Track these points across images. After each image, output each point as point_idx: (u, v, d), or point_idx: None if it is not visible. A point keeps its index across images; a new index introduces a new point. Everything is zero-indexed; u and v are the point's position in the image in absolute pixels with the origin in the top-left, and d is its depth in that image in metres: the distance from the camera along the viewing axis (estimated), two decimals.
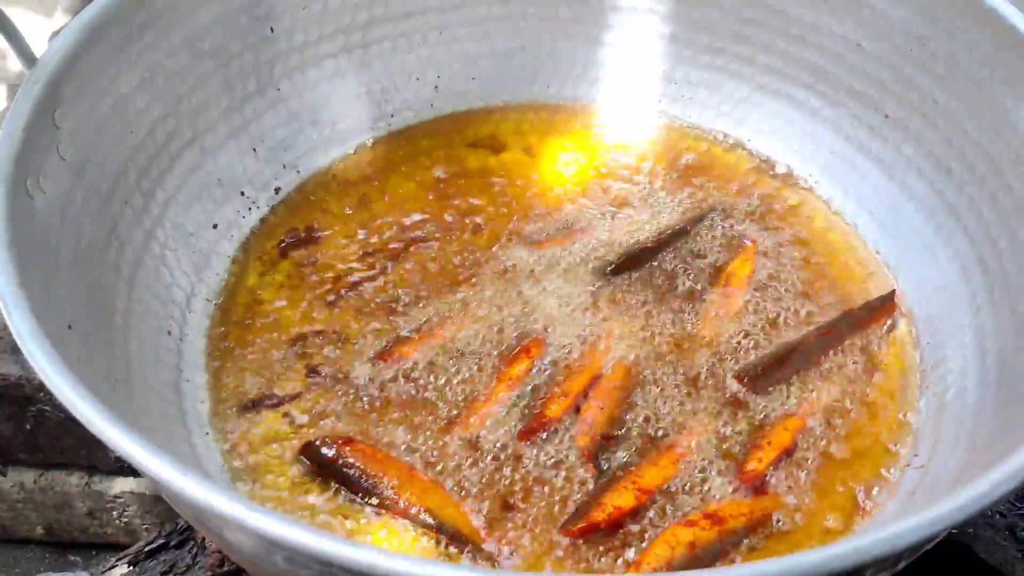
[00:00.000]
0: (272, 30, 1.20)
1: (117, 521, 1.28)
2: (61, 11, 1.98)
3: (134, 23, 1.03)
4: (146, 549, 1.10)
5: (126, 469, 1.26)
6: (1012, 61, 1.02)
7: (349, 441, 0.95)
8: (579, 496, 0.93)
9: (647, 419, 0.99)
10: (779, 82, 1.27)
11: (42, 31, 1.94)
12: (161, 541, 1.11)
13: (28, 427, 1.21)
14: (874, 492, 0.96)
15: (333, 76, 1.27)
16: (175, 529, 1.11)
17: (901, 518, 0.62)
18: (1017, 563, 1.14)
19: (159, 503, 1.27)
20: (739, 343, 1.06)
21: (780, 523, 0.93)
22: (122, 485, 1.27)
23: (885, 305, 1.10)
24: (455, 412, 1.00)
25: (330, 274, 1.14)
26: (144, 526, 1.29)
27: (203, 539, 1.10)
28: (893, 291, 1.12)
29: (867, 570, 0.64)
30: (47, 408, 1.19)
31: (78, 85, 0.96)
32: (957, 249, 1.08)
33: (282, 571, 0.68)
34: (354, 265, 1.15)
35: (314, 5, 1.22)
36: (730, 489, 0.94)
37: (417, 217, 1.21)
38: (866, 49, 1.18)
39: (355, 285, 1.12)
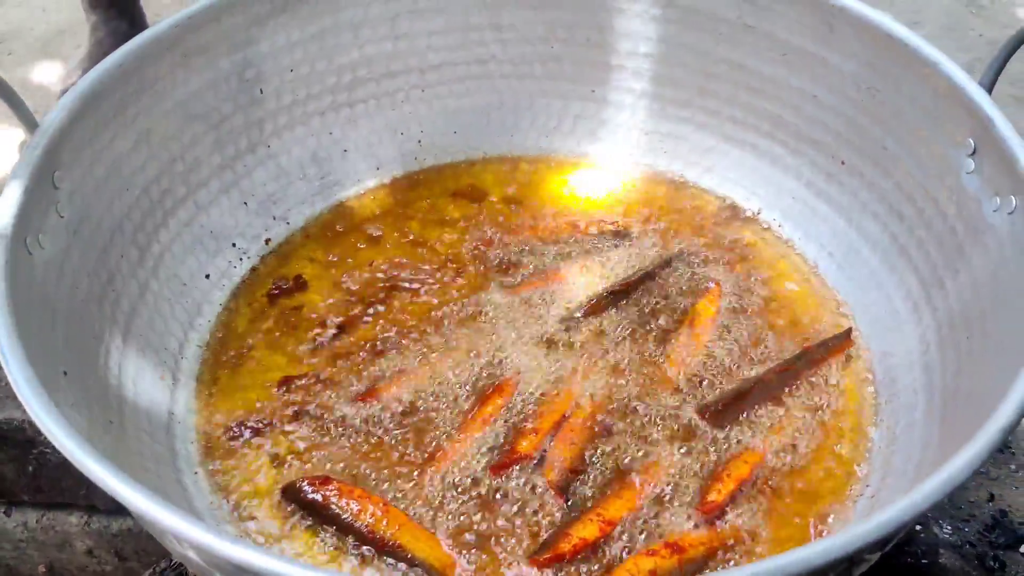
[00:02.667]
0: (261, 91, 1.28)
1: (115, 559, 1.33)
2: (74, 63, 2.07)
3: (128, 90, 1.11)
4: None
5: (123, 509, 1.31)
6: (947, 110, 1.08)
7: (327, 480, 1.01)
8: (548, 528, 0.98)
9: (613, 454, 1.04)
10: (743, 132, 1.34)
11: (55, 84, 2.03)
12: None
13: (31, 469, 1.27)
14: (829, 520, 1.01)
15: (320, 133, 1.35)
16: (169, 566, 1.16)
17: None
18: None
19: (155, 541, 1.32)
20: (702, 380, 1.12)
21: (738, 552, 0.97)
22: (120, 524, 1.32)
23: (842, 343, 1.16)
24: (431, 449, 1.05)
25: (316, 320, 1.20)
26: (140, 564, 1.34)
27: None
28: (850, 329, 1.17)
29: None
30: (48, 451, 1.25)
31: (76, 148, 1.03)
32: (908, 289, 1.14)
33: None
34: (338, 311, 1.21)
35: (301, 67, 1.30)
36: (691, 520, 0.99)
37: (400, 264, 1.27)
38: (822, 100, 1.25)
39: (339, 330, 1.18)
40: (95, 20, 2.07)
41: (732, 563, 0.96)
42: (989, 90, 1.05)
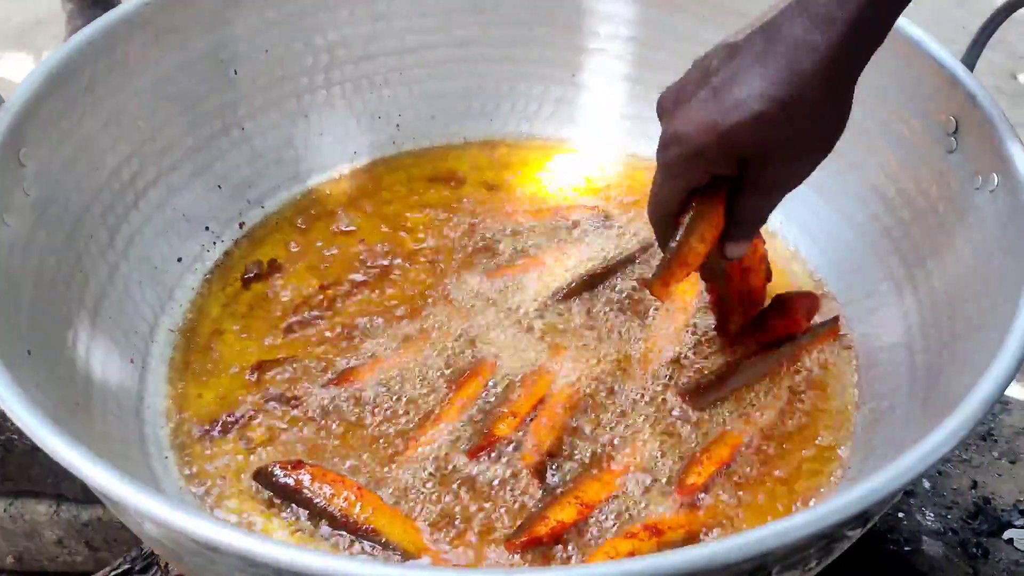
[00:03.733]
0: (236, 72, 1.26)
1: (85, 549, 1.30)
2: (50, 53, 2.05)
3: (98, 68, 1.08)
4: (112, 574, 1.13)
5: (93, 497, 1.29)
6: (928, 88, 1.07)
7: (299, 464, 0.98)
8: (525, 511, 0.96)
9: (592, 436, 1.03)
10: None
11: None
12: (126, 566, 1.14)
13: None
14: (811, 503, 1.00)
15: (296, 115, 1.33)
16: (140, 554, 1.14)
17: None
18: None
19: (126, 530, 1.30)
20: (682, 362, 1.10)
21: (718, 535, 0.96)
22: (90, 513, 1.30)
23: (829, 331, 1.14)
24: (406, 433, 1.03)
25: (290, 305, 1.18)
26: (111, 554, 1.31)
27: (166, 564, 1.13)
28: (836, 317, 1.16)
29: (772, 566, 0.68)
30: (15, 437, 1.23)
31: (42, 127, 1.01)
32: (891, 269, 1.12)
33: None
34: (313, 296, 1.19)
35: (276, 48, 1.28)
36: (670, 502, 0.98)
37: (376, 249, 1.25)
38: None
39: (314, 315, 1.17)
40: (71, 8, 2.05)
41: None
42: (971, 68, 1.04)
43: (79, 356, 1.01)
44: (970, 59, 1.06)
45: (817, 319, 1.16)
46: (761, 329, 1.12)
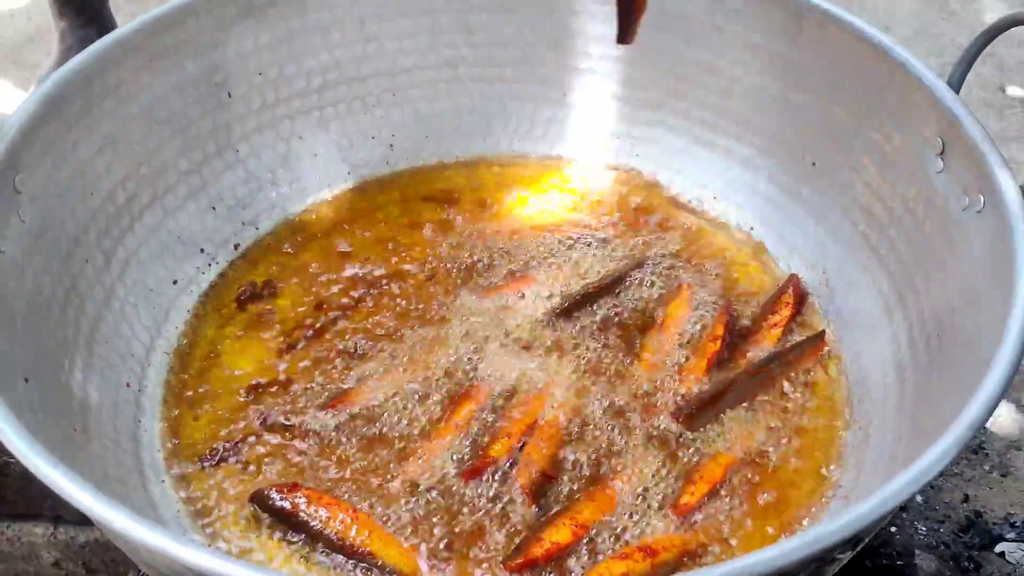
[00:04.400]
0: (229, 95, 1.27)
1: (83, 571, 1.30)
2: (44, 76, 2.05)
3: (92, 93, 1.09)
4: None
5: (89, 520, 1.29)
6: (915, 110, 1.08)
7: (295, 487, 0.99)
8: (521, 533, 0.97)
9: (586, 457, 1.04)
10: (713, 134, 1.34)
11: (22, 92, 2.01)
12: None
13: None
14: (805, 522, 1.00)
15: (290, 137, 1.34)
16: None
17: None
18: None
19: (123, 552, 1.31)
20: (675, 382, 1.11)
21: (711, 555, 0.97)
22: (87, 535, 1.30)
23: (815, 344, 1.15)
24: (402, 455, 1.04)
25: (285, 326, 1.19)
26: (109, 575, 1.32)
27: None
28: (822, 331, 1.17)
29: None
30: (11, 460, 1.22)
31: (38, 152, 1.01)
32: (880, 288, 1.14)
33: None
34: (308, 317, 1.20)
35: (269, 70, 1.29)
36: (664, 523, 0.98)
37: (371, 269, 1.26)
38: (792, 101, 1.25)
39: (309, 336, 1.17)
40: (64, 27, 2.05)
41: (705, 566, 0.95)
42: (957, 90, 1.06)
43: (76, 381, 1.01)
44: (956, 80, 1.07)
45: (804, 335, 1.17)
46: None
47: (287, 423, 1.08)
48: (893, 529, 1.23)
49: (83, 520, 1.30)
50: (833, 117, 1.20)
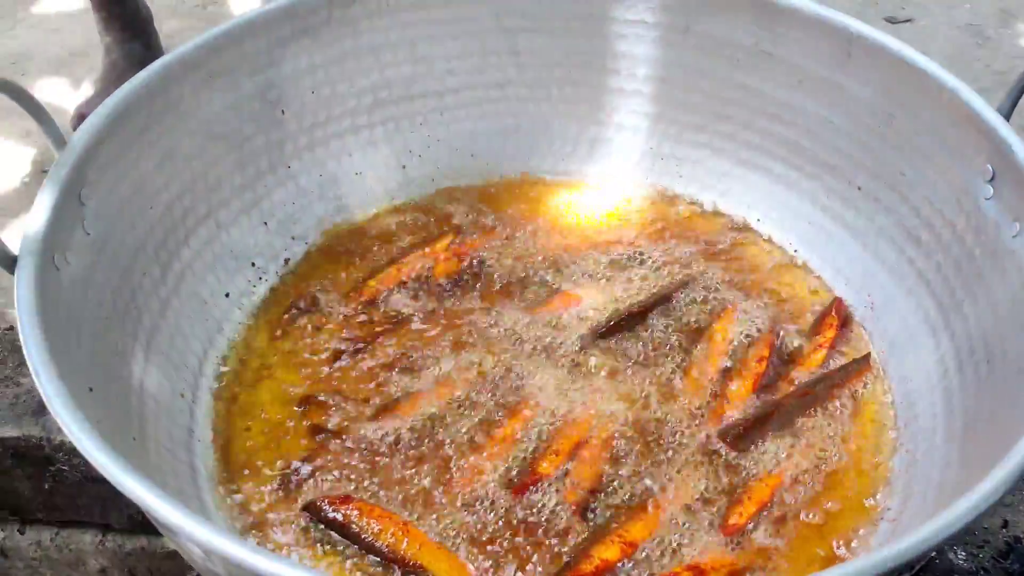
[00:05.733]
0: (283, 112, 1.29)
1: None
2: (88, 83, 2.08)
3: (153, 110, 1.12)
4: None
5: (138, 528, 1.31)
6: (964, 136, 1.09)
7: (347, 499, 1.01)
8: (568, 549, 0.98)
9: (633, 475, 1.05)
10: (759, 157, 1.35)
11: (70, 102, 2.04)
12: None
13: (47, 486, 1.27)
14: (852, 545, 1.01)
15: (340, 154, 1.36)
16: None
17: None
18: None
19: (169, 559, 1.32)
20: (721, 403, 1.12)
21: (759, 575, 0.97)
22: (135, 543, 1.32)
23: (861, 367, 1.16)
24: (451, 469, 1.05)
25: (335, 339, 1.20)
26: None
27: None
28: (868, 354, 1.18)
29: None
30: (65, 468, 1.25)
31: (102, 167, 1.04)
32: (926, 313, 1.14)
33: None
34: (356, 331, 1.21)
35: (322, 89, 1.31)
36: (711, 543, 0.99)
37: (418, 285, 1.27)
38: (838, 126, 1.26)
39: (357, 350, 1.19)
40: (109, 41, 2.08)
41: None
42: (1007, 117, 1.06)
43: (133, 390, 1.03)
44: (1006, 109, 1.08)
45: (850, 358, 1.18)
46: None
47: (337, 435, 1.09)
48: (933, 554, 1.23)
49: (131, 528, 1.32)
50: (880, 142, 1.21)
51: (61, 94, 2.20)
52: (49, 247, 0.93)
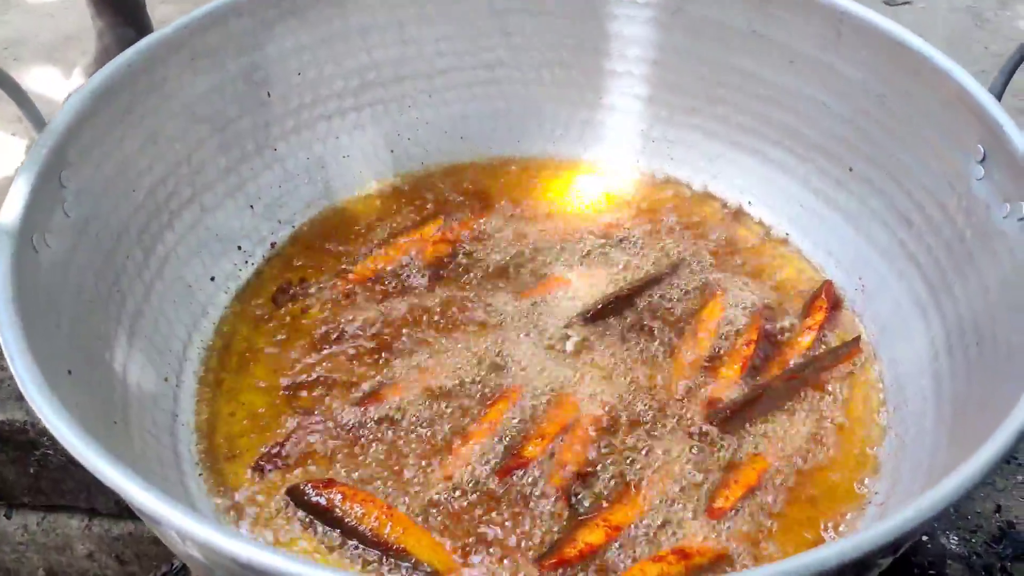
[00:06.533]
0: (269, 95, 1.28)
1: (116, 563, 1.32)
2: (79, 72, 2.07)
3: (136, 91, 1.11)
4: None
5: (124, 512, 1.31)
6: (956, 117, 1.07)
7: (331, 483, 1.00)
8: (554, 533, 0.97)
9: (619, 459, 1.04)
10: (751, 139, 1.34)
11: (60, 91, 2.04)
12: None
13: (32, 470, 1.26)
14: (840, 529, 1.00)
15: (327, 137, 1.35)
16: (170, 569, 1.16)
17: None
18: None
19: (156, 544, 1.32)
20: (709, 386, 1.11)
21: (745, 559, 0.97)
22: (121, 527, 1.31)
23: (851, 350, 1.15)
24: (436, 452, 1.04)
25: (320, 323, 1.19)
26: (141, 568, 1.33)
27: None
28: (858, 337, 1.17)
29: None
30: (50, 452, 1.24)
31: (83, 148, 1.03)
32: (917, 296, 1.13)
33: None
34: (342, 315, 1.20)
35: (309, 71, 1.30)
36: (698, 526, 0.98)
37: (404, 268, 1.26)
38: (831, 108, 1.25)
39: (344, 333, 1.18)
40: (101, 26, 2.07)
41: (741, 569, 0.95)
42: (999, 97, 1.05)
43: (116, 375, 1.02)
44: (998, 88, 1.06)
45: (840, 341, 1.17)
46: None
47: (322, 420, 1.08)
48: (924, 538, 1.22)
49: (117, 513, 1.32)
50: (872, 124, 1.20)
51: (54, 80, 2.19)
52: (28, 228, 0.92)
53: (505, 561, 0.96)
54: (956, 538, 1.23)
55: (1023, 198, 0.97)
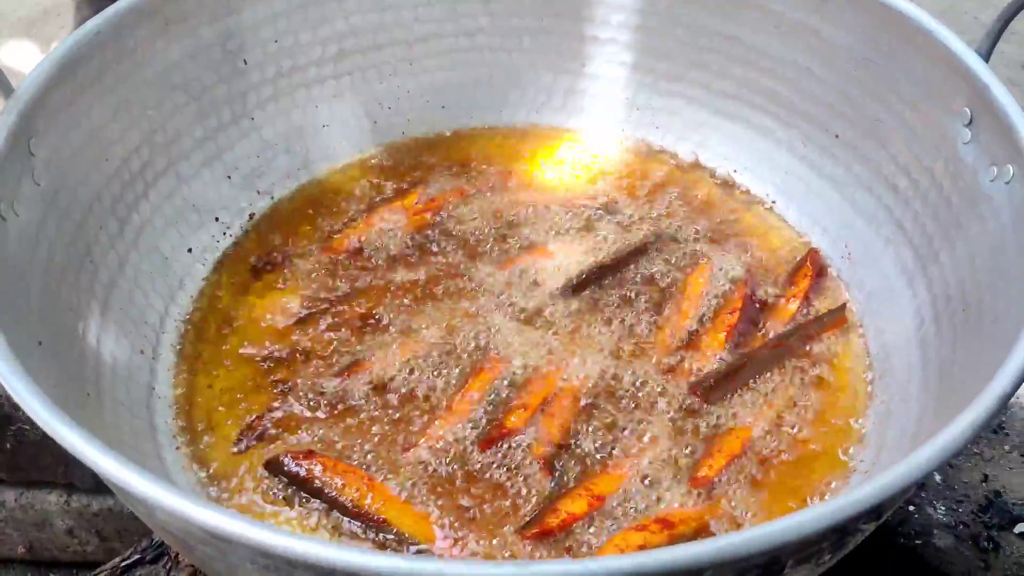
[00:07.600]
0: (245, 62, 1.25)
1: (96, 539, 1.31)
2: (57, 44, 2.04)
3: (106, 57, 1.08)
4: (122, 565, 1.13)
5: (102, 488, 1.29)
6: (943, 79, 1.06)
7: (310, 454, 0.99)
8: (536, 503, 0.96)
9: (602, 429, 1.03)
10: (735, 106, 1.32)
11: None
12: (136, 557, 1.14)
13: (8, 446, 1.24)
14: (825, 498, 0.99)
15: (306, 105, 1.32)
16: (150, 545, 1.14)
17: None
18: (979, 572, 1.16)
19: (135, 520, 1.30)
20: (693, 355, 1.10)
21: (729, 527, 0.96)
22: (100, 503, 1.30)
23: (836, 318, 1.14)
24: (417, 424, 1.03)
25: (300, 295, 1.18)
26: (122, 544, 1.32)
27: (176, 554, 1.13)
28: (844, 304, 1.15)
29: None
30: (26, 427, 1.23)
31: (52, 115, 1.00)
32: (904, 263, 1.12)
33: None
34: (323, 286, 1.19)
35: (285, 38, 1.28)
36: (681, 495, 0.97)
37: (385, 239, 1.25)
38: (815, 73, 1.23)
39: (323, 305, 1.16)
40: (79, 0, 2.04)
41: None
42: (986, 59, 1.03)
43: (90, 346, 1.01)
44: (985, 50, 1.05)
45: (826, 309, 1.15)
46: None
47: (301, 392, 1.07)
48: (911, 508, 1.22)
49: (97, 489, 1.30)
50: (858, 88, 1.18)
51: (32, 53, 2.16)
52: None
53: (487, 531, 0.94)
54: (943, 508, 1.23)
55: (1010, 161, 0.95)
